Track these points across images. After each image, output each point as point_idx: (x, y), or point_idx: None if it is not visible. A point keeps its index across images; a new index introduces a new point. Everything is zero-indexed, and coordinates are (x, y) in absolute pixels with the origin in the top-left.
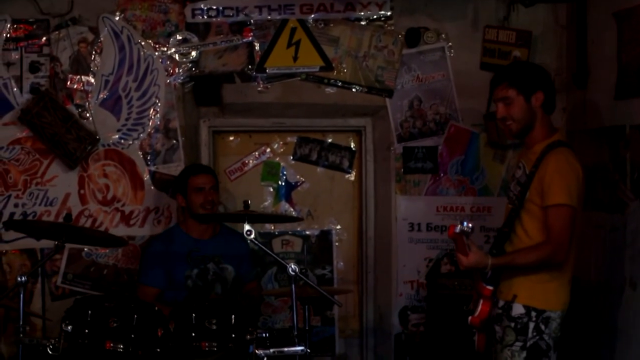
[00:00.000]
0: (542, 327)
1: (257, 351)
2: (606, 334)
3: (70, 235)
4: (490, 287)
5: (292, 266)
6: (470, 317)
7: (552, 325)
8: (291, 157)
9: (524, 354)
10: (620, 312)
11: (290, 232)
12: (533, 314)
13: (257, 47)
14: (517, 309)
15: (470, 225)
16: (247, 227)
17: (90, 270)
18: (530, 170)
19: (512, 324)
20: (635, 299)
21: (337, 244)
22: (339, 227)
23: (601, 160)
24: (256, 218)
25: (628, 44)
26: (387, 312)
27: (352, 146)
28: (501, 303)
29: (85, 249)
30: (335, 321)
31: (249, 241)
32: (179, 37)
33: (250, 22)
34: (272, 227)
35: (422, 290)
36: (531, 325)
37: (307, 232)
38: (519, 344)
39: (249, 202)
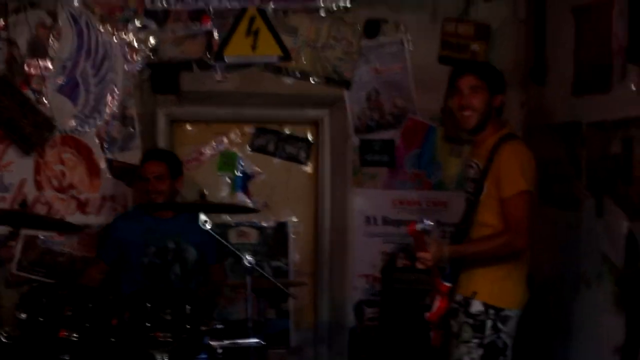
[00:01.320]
0: (500, 325)
1: (211, 343)
2: (560, 332)
3: (25, 222)
4: (448, 284)
5: (248, 257)
6: (427, 314)
7: (510, 324)
8: (248, 148)
9: (480, 351)
10: (575, 309)
11: (246, 224)
12: (491, 312)
13: (215, 36)
14: (476, 306)
15: (431, 223)
16: (203, 217)
17: (45, 257)
18: (485, 165)
19: (470, 321)
20: (590, 296)
21: (293, 236)
22: (295, 219)
23: (557, 156)
24: (212, 208)
25: (586, 40)
26: (342, 305)
27: (309, 138)
28: (459, 297)
29: (41, 236)
30: (290, 314)
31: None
32: (137, 24)
33: (209, 10)
34: (229, 218)
35: (378, 284)
36: (489, 323)
37: (264, 224)
38: (476, 341)
39: (205, 192)
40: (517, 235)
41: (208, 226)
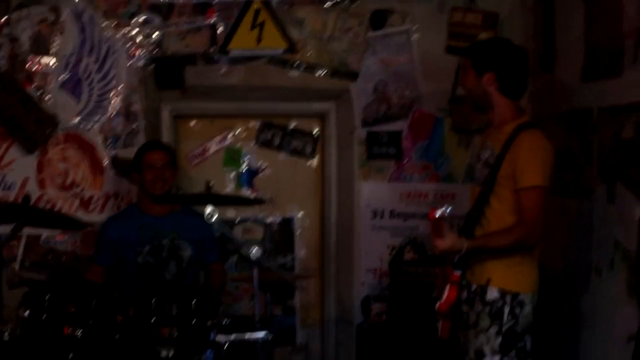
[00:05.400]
0: (517, 310)
1: (218, 337)
2: (572, 321)
3: (28, 218)
4: (458, 273)
5: (254, 250)
6: (438, 304)
7: (526, 309)
8: (254, 143)
9: (499, 339)
10: (586, 298)
11: (251, 220)
12: (508, 297)
13: (220, 29)
14: (492, 293)
15: (449, 209)
16: (208, 209)
17: (48, 257)
18: (500, 151)
19: (487, 309)
20: (601, 285)
21: (299, 231)
22: (301, 214)
23: (567, 144)
24: (218, 200)
25: (596, 24)
26: (348, 301)
27: (315, 132)
28: (474, 286)
29: (43, 236)
30: (296, 310)
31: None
32: (141, 18)
33: (213, 2)
34: (234, 214)
35: (385, 278)
36: (506, 309)
37: (269, 220)
38: (494, 328)
39: (211, 183)
40: (533, 231)
41: (214, 219)
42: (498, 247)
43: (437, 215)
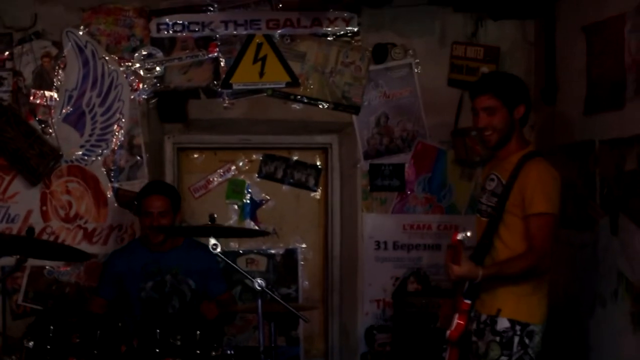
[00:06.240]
0: (527, 341)
1: None
2: (577, 351)
3: (32, 250)
4: (468, 301)
5: (259, 281)
6: (448, 332)
7: (535, 339)
8: (256, 175)
9: None
10: (591, 329)
11: (255, 251)
12: (517, 327)
13: (222, 63)
14: (502, 323)
15: (469, 234)
16: (212, 241)
17: (52, 288)
18: (508, 180)
19: (497, 339)
20: (606, 316)
21: (302, 262)
22: (304, 245)
23: (570, 176)
24: (222, 232)
25: (598, 57)
26: (353, 331)
27: (318, 164)
28: (484, 317)
29: (47, 267)
30: (300, 341)
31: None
32: (143, 52)
33: (216, 37)
34: (237, 246)
35: (389, 309)
36: (516, 339)
37: (272, 251)
38: (504, 358)
39: (215, 215)
40: (542, 257)
41: (218, 250)
42: (511, 274)
43: (458, 238)
